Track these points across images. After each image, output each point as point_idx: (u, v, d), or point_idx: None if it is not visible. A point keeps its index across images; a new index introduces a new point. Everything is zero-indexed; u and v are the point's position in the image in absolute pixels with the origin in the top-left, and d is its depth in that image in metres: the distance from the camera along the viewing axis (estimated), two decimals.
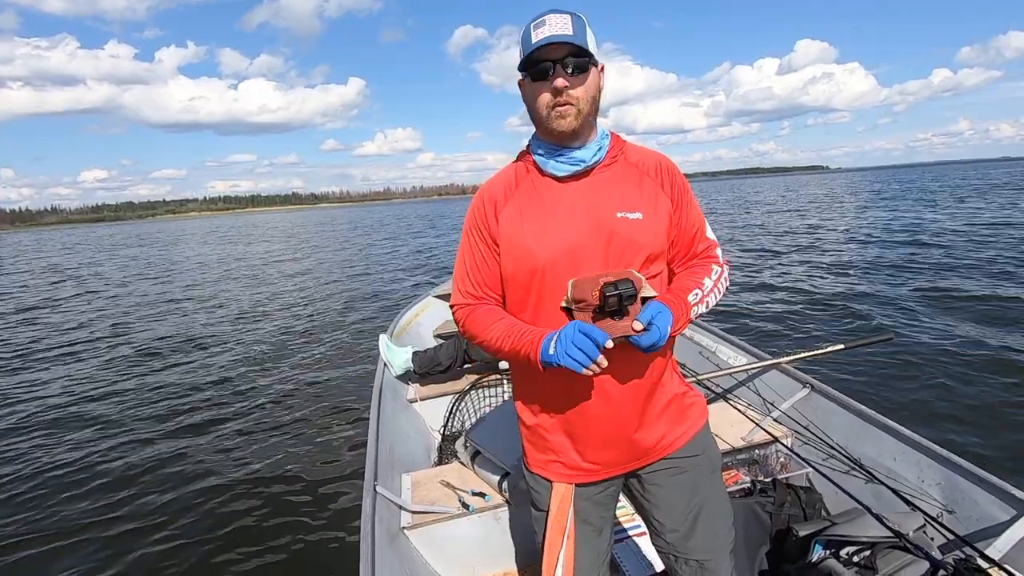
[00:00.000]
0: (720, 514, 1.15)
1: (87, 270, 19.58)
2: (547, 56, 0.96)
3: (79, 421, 4.65)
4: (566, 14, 0.98)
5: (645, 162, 1.10)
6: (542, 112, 1.01)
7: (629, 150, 1.11)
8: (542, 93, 1.00)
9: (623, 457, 1.10)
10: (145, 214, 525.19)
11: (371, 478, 1.92)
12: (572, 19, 0.97)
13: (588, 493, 1.13)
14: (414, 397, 2.93)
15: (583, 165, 1.04)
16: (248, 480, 3.39)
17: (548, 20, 0.97)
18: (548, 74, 0.98)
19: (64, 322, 9.50)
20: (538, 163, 1.07)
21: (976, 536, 1.58)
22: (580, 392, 1.05)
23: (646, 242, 1.03)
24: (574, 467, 1.11)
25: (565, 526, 1.10)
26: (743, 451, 2.20)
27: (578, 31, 0.97)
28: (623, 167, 1.08)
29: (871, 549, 1.52)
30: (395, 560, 1.69)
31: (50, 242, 57.38)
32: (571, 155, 1.04)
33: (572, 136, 1.02)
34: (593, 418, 1.06)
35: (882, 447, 1.97)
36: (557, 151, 1.05)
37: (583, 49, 0.97)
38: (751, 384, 2.60)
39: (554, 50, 0.96)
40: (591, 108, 1.02)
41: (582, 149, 1.04)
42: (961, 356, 4.33)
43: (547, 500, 1.14)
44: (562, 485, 1.12)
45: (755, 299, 6.96)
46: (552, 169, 1.05)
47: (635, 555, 1.80)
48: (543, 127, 1.03)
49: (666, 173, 1.09)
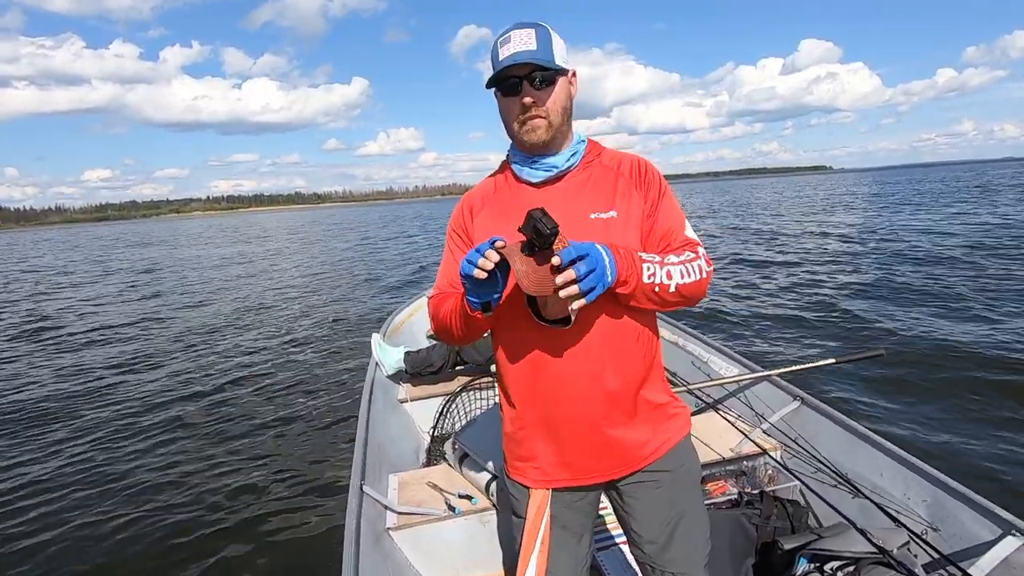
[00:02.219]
0: (698, 528, 1.15)
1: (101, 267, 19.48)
2: (514, 72, 0.99)
3: (74, 419, 4.62)
4: (530, 28, 1.00)
5: (621, 163, 1.12)
6: (514, 126, 1.05)
7: (606, 155, 1.13)
8: (512, 106, 1.03)
9: (601, 464, 1.09)
10: (149, 213, 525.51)
11: (358, 477, 1.91)
12: (536, 32, 1.00)
13: (567, 499, 1.13)
14: (405, 397, 2.92)
15: (555, 171, 1.08)
16: (233, 476, 3.36)
17: (512, 36, 1.00)
18: (516, 89, 1.01)
19: (78, 320, 9.44)
20: (514, 171, 1.12)
21: (960, 555, 1.58)
22: (554, 390, 1.05)
23: (620, 240, 1.02)
24: (552, 471, 1.11)
25: (539, 532, 1.10)
26: (731, 462, 2.20)
27: (542, 45, 0.99)
28: (599, 170, 1.11)
29: (855, 565, 1.52)
30: (379, 560, 1.68)
31: (58, 242, 56.98)
32: (544, 161, 1.08)
33: (544, 147, 1.06)
34: (567, 417, 1.06)
35: (870, 462, 1.98)
36: (531, 159, 1.09)
37: (547, 63, 0.99)
38: (742, 395, 2.60)
39: (520, 66, 0.98)
40: (562, 118, 1.05)
41: (555, 156, 1.08)
42: (953, 373, 4.34)
43: (523, 506, 1.14)
44: (539, 491, 1.12)
45: (748, 308, 6.98)
46: (527, 176, 1.10)
47: (620, 562, 1.79)
48: (515, 140, 1.08)
49: (641, 172, 1.10)
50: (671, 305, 1.03)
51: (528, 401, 1.10)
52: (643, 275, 0.96)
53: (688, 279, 1.00)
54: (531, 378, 1.07)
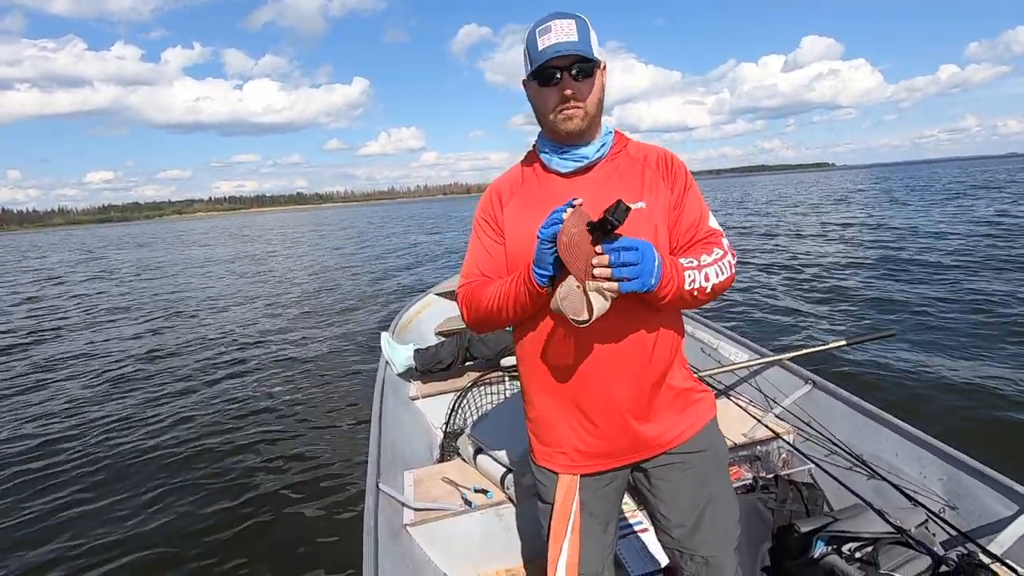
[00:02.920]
0: (727, 510, 1.15)
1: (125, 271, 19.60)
2: (554, 64, 0.98)
3: (85, 415, 4.66)
4: (570, 18, 0.99)
5: (647, 155, 1.12)
6: (549, 115, 1.04)
7: (632, 146, 1.13)
8: (549, 97, 1.02)
9: (628, 447, 1.10)
10: (152, 214, 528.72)
11: (373, 475, 1.93)
12: (576, 24, 0.98)
13: (594, 486, 1.13)
14: (416, 394, 2.94)
15: (586, 161, 1.08)
16: (250, 477, 3.40)
17: (553, 26, 0.98)
18: (555, 79, 1.00)
19: (80, 318, 9.52)
20: (543, 161, 1.11)
21: (978, 532, 1.58)
22: (581, 377, 1.05)
23: (649, 230, 1.03)
24: (579, 457, 1.11)
25: (569, 517, 1.11)
26: (745, 447, 2.20)
27: (582, 36, 0.98)
28: (626, 162, 1.11)
29: (873, 545, 1.51)
30: (398, 557, 1.69)
31: (69, 241, 57.36)
32: (575, 152, 1.08)
33: (578, 136, 1.06)
34: (594, 403, 1.06)
35: (884, 443, 1.97)
36: (562, 149, 1.09)
37: (589, 55, 0.98)
38: (753, 380, 2.60)
39: (561, 57, 0.97)
40: (597, 109, 1.05)
41: (586, 146, 1.08)
42: (964, 352, 4.32)
43: (553, 492, 1.14)
44: (567, 476, 1.12)
45: (757, 294, 6.95)
46: (556, 166, 1.09)
47: (638, 551, 1.80)
48: (550, 128, 1.07)
49: (667, 164, 1.11)
50: (703, 303, 1.05)
51: (554, 389, 1.09)
52: (685, 283, 0.98)
53: (721, 277, 1.02)
54: (557, 365, 1.07)
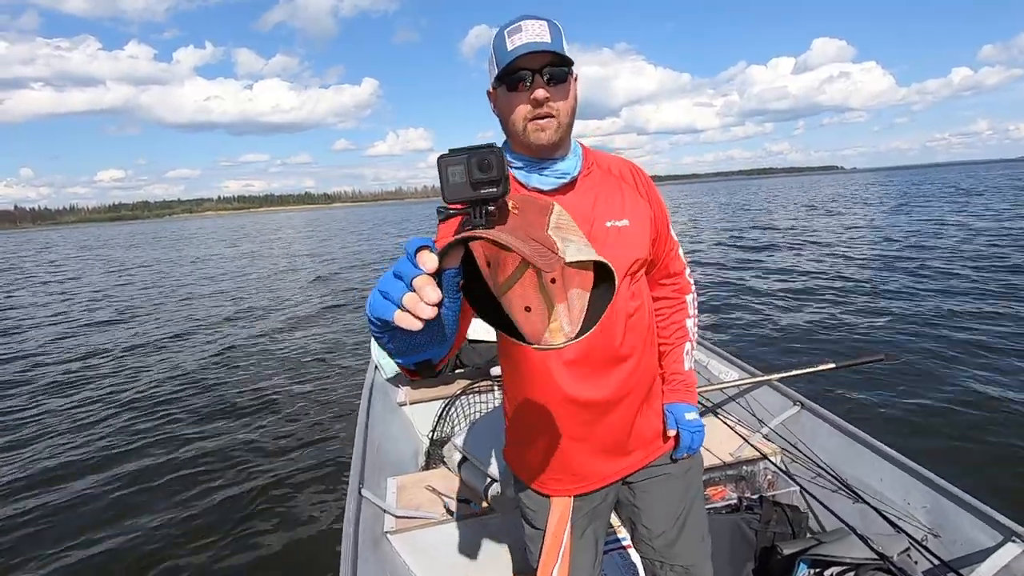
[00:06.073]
0: (702, 517, 1.18)
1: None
2: (524, 65, 0.90)
3: (73, 420, 4.61)
4: (542, 20, 0.91)
5: (619, 169, 1.08)
6: (518, 125, 0.95)
7: (598, 157, 1.08)
8: (519, 105, 0.93)
9: (619, 463, 1.11)
10: (162, 213, 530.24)
11: (356, 480, 1.91)
12: (549, 26, 0.90)
13: (587, 505, 1.12)
14: (404, 400, 2.91)
15: (568, 178, 1.00)
16: (230, 477, 3.36)
17: (524, 26, 0.90)
18: (525, 84, 0.91)
19: (77, 315, 9.43)
20: (518, 178, 1.00)
21: (960, 561, 1.57)
22: (568, 396, 1.02)
23: (635, 248, 1.02)
24: (571, 478, 1.09)
25: (561, 543, 1.08)
26: (731, 467, 2.19)
27: (555, 38, 0.90)
28: (600, 175, 1.06)
29: (855, 570, 1.51)
30: (377, 564, 1.67)
31: (73, 240, 56.98)
32: (555, 168, 1.00)
33: (551, 149, 0.98)
34: (584, 423, 1.05)
35: (870, 468, 1.97)
36: (538, 164, 1.00)
37: (563, 57, 0.90)
38: (741, 400, 2.60)
39: (532, 59, 0.89)
40: (571, 119, 0.97)
41: (564, 161, 1.00)
42: (954, 378, 4.34)
43: (544, 517, 1.11)
44: (561, 500, 1.10)
45: (747, 312, 6.97)
46: (536, 183, 1.00)
47: (619, 567, 1.78)
48: (519, 140, 0.97)
49: (638, 177, 1.09)
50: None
51: (540, 410, 1.05)
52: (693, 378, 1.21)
53: (695, 331, 1.21)
54: (544, 385, 1.02)
